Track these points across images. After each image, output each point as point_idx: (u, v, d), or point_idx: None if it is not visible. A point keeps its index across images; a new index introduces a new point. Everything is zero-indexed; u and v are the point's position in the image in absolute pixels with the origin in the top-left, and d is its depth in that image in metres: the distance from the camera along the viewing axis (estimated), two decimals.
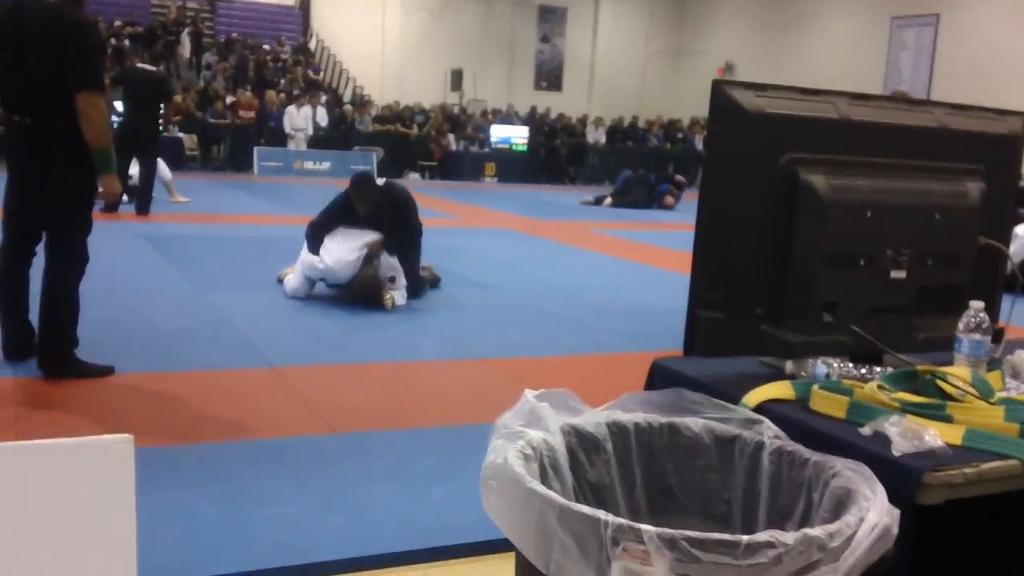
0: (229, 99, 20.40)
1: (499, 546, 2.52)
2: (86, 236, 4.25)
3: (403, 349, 5.35)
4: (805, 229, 2.00)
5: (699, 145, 22.97)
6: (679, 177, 17.53)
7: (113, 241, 4.27)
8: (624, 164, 20.17)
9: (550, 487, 1.61)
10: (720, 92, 1.95)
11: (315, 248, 6.36)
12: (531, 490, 1.46)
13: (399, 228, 6.55)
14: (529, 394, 1.79)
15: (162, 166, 11.66)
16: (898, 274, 2.10)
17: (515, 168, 21.88)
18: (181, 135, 18.65)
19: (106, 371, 4.29)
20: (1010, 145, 2.34)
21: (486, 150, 22.27)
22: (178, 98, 17.62)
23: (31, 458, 1.68)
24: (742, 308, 2.02)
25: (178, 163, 16.90)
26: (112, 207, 9.04)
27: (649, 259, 9.74)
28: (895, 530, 1.42)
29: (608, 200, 16.33)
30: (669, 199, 16.31)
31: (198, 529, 2.80)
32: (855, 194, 2.03)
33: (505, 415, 1.74)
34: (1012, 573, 2.13)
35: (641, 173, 17.23)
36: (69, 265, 4.20)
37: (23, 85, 4.05)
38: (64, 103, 3.95)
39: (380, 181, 6.75)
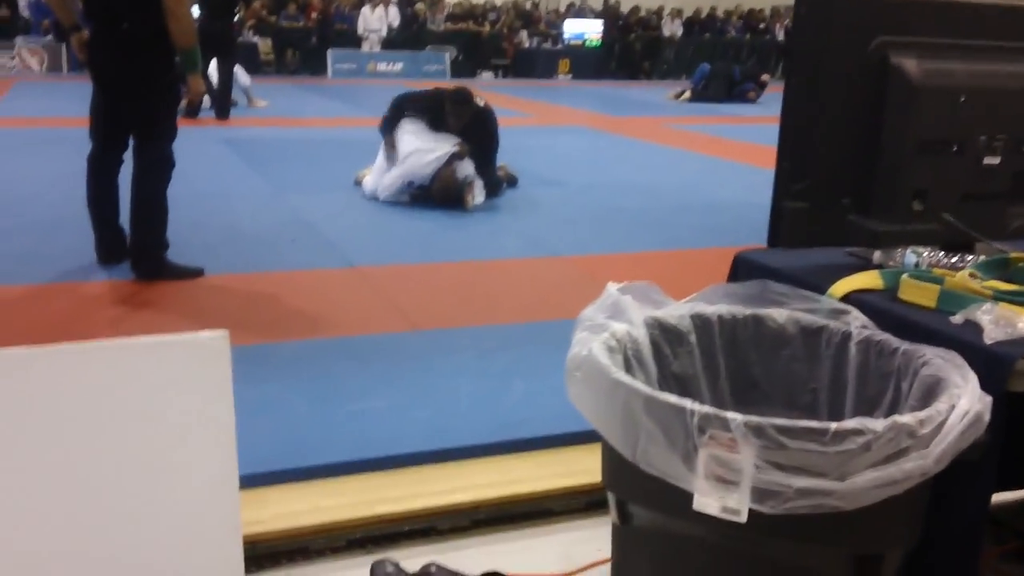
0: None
1: (581, 438, 2.58)
2: (171, 140, 4.32)
3: (482, 248, 5.39)
4: (895, 115, 1.94)
5: (781, 36, 22.25)
6: (764, 76, 16.88)
7: (194, 146, 4.36)
8: (701, 58, 19.66)
9: (634, 378, 1.64)
10: None
11: (390, 127, 6.44)
12: (617, 380, 1.48)
13: (486, 143, 6.61)
14: (612, 287, 1.80)
15: (241, 72, 11.76)
16: (991, 160, 2.03)
17: (589, 64, 21.49)
18: (256, 40, 18.69)
19: (196, 272, 4.43)
20: None
21: (559, 47, 21.89)
22: (256, 4, 17.65)
23: (135, 355, 1.77)
24: (829, 198, 1.99)
25: (253, 68, 16.98)
26: (194, 111, 9.19)
27: (727, 153, 9.56)
28: (987, 417, 1.41)
29: (686, 94, 15.98)
30: (751, 95, 15.88)
31: (291, 422, 2.90)
32: (948, 78, 1.95)
33: (588, 308, 1.75)
34: None
35: (723, 67, 16.75)
36: (157, 169, 4.29)
37: None
38: (151, 5, 3.97)
39: (480, 102, 6.69)
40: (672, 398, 1.40)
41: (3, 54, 17.53)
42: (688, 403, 1.38)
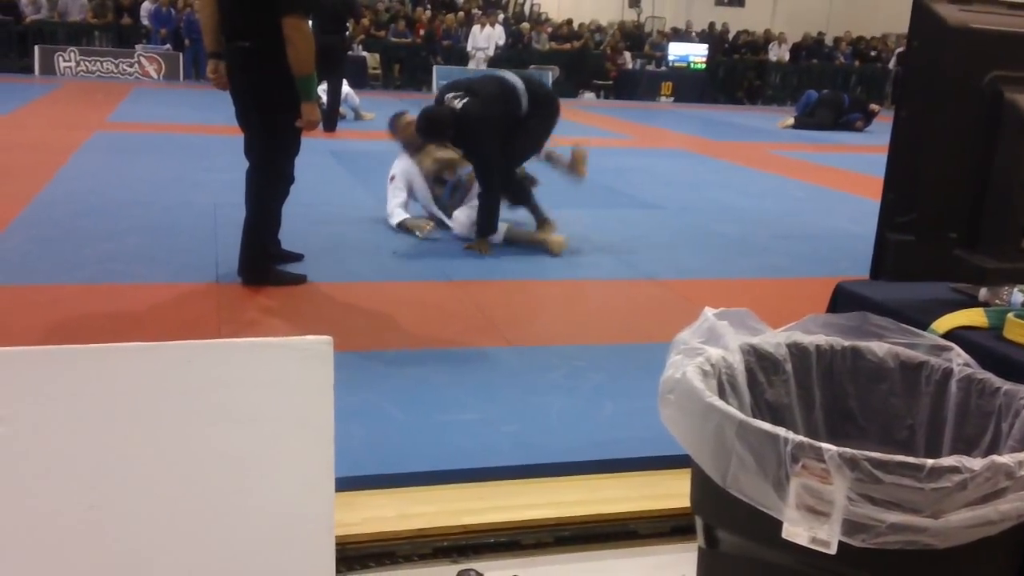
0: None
1: (669, 462, 2.57)
2: (288, 155, 4.44)
3: (578, 268, 5.40)
4: (1008, 150, 1.91)
5: (892, 65, 21.76)
6: (873, 106, 16.42)
7: (302, 157, 4.47)
8: (808, 84, 19.37)
9: (728, 404, 1.64)
10: (921, 6, 1.87)
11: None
12: (710, 404, 1.49)
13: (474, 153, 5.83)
14: (709, 312, 1.81)
15: (350, 91, 12.11)
16: None
17: (692, 87, 21.34)
18: (364, 54, 19.11)
19: (299, 280, 4.57)
20: None
21: (663, 69, 21.81)
22: (365, 20, 18.08)
23: (241, 355, 1.83)
24: (935, 231, 1.96)
25: (361, 82, 17.39)
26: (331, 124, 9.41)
27: (831, 182, 9.40)
28: None
29: (790, 121, 15.73)
30: (858, 124, 15.53)
31: (384, 429, 2.97)
32: None
33: (684, 331, 1.76)
34: None
35: (831, 94, 16.43)
36: (268, 181, 4.43)
37: (238, 10, 4.27)
38: (273, 28, 4.11)
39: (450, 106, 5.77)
40: (766, 425, 1.40)
41: (124, 60, 18.27)
42: (782, 431, 1.38)
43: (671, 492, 2.46)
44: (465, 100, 5.39)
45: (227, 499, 1.85)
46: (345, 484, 2.37)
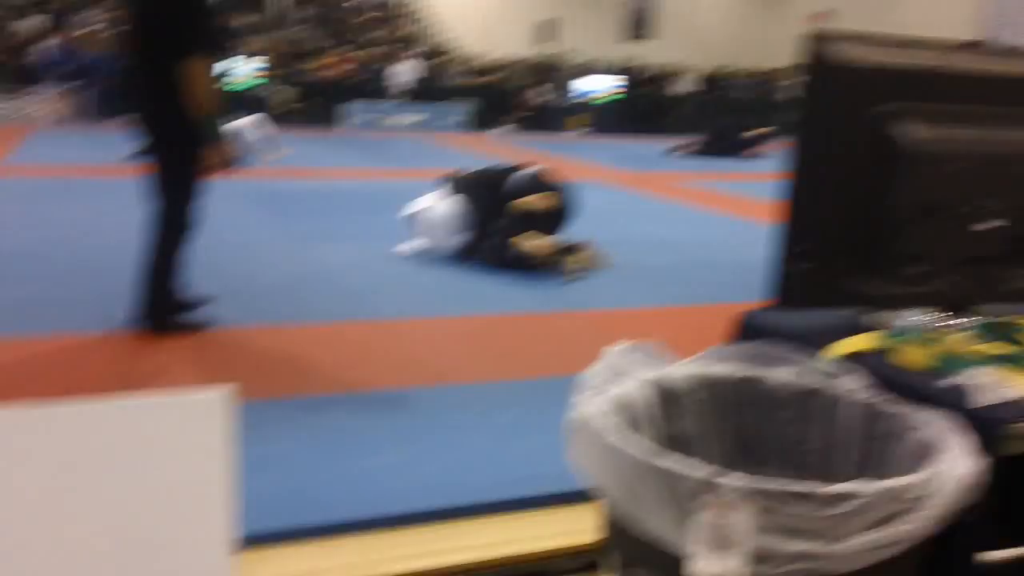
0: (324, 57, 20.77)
1: (584, 496, 2.58)
2: (191, 199, 4.35)
3: (499, 301, 5.43)
4: (896, 181, 1.98)
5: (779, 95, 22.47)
6: (759, 131, 17.02)
7: (210, 196, 4.40)
8: (716, 114, 19.84)
9: (635, 440, 1.66)
10: (811, 43, 1.94)
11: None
12: (613, 445, 1.50)
13: None
14: (614, 348, 1.83)
15: (260, 125, 11.99)
16: (990, 224, 2.06)
17: (605, 119, 21.72)
18: (280, 88, 18.98)
19: (206, 325, 4.46)
20: None
21: (576, 102, 22.15)
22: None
23: (132, 414, 1.76)
24: (831, 260, 2.02)
25: (276, 117, 17.23)
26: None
27: (738, 209, 9.64)
28: (977, 481, 1.42)
29: (693, 148, 16.23)
30: (749, 151, 16.11)
31: (299, 480, 2.94)
32: (948, 145, 1.99)
33: (591, 368, 1.78)
34: None
35: (725, 123, 17.05)
36: (166, 224, 4.33)
37: (138, 51, 4.22)
38: (172, 69, 4.06)
39: None
40: (669, 463, 1.42)
41: (23, 100, 17.79)
42: (684, 468, 1.40)
43: (586, 527, 2.47)
44: None
45: (116, 567, 1.78)
46: (254, 541, 2.32)
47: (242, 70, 18.06)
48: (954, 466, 1.41)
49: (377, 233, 7.17)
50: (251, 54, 19.06)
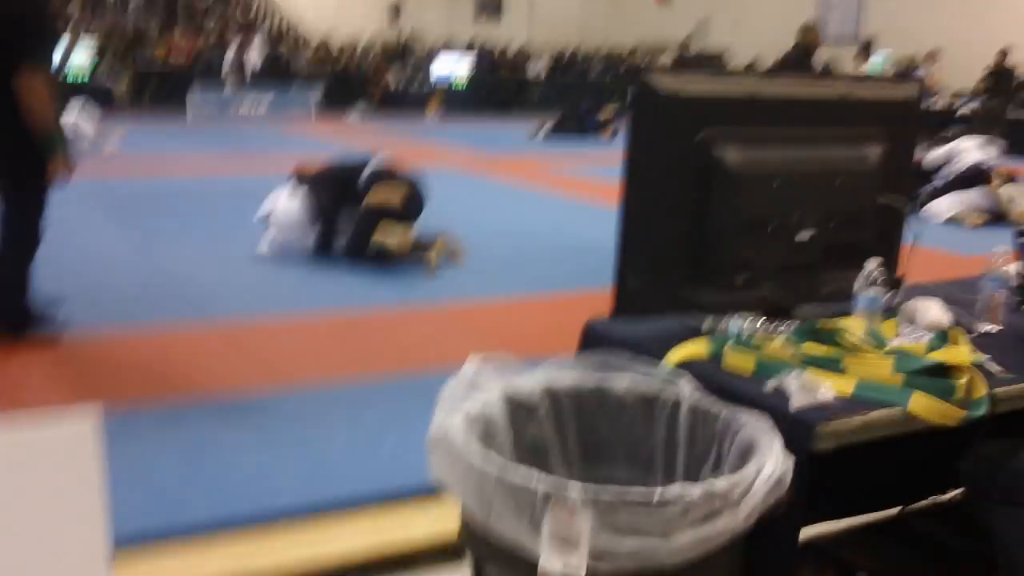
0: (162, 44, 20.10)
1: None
2: (37, 214, 4.26)
3: (356, 298, 5.48)
4: (719, 199, 2.18)
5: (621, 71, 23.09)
6: (603, 115, 17.46)
7: (56, 198, 4.32)
8: (565, 96, 20.22)
9: (491, 450, 1.81)
10: (639, 78, 2.12)
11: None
12: (470, 460, 1.64)
13: None
14: (470, 362, 1.97)
15: (84, 120, 11.60)
16: (805, 235, 2.29)
17: (457, 102, 21.77)
18: (111, 82, 18.29)
19: (55, 332, 4.37)
20: (908, 109, 2.54)
21: (427, 89, 22.12)
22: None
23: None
24: (665, 272, 2.21)
25: (109, 108, 16.63)
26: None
27: (592, 194, 9.90)
28: (788, 478, 1.63)
29: (544, 130, 16.57)
30: (604, 132, 16.53)
31: (165, 486, 2.97)
32: (764, 165, 2.21)
33: (449, 383, 1.91)
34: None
35: (569, 106, 17.55)
36: (11, 242, 4.24)
37: None
38: (8, 83, 3.94)
39: None
40: (519, 476, 1.57)
41: None
42: (532, 479, 1.55)
43: (449, 515, 2.62)
44: None
45: None
46: (125, 551, 2.38)
47: (79, 58, 17.28)
48: (767, 467, 1.61)
49: (229, 232, 7.08)
50: (89, 40, 18.29)
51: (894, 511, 2.75)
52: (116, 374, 4.05)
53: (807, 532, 2.59)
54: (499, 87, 23.11)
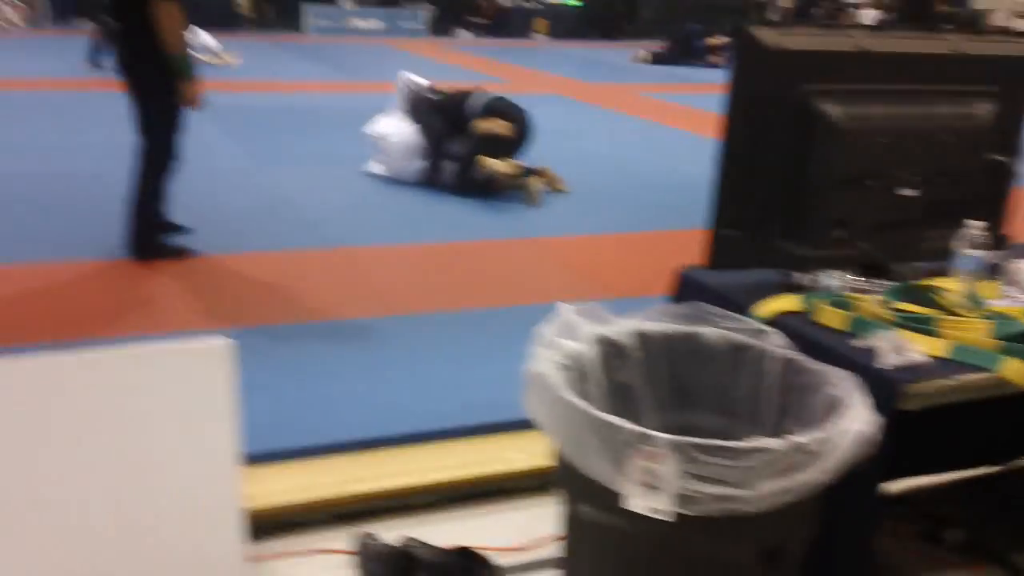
0: None
1: None
2: (172, 131, 4.52)
3: (454, 228, 5.61)
4: (820, 154, 2.20)
5: None
6: (713, 40, 16.98)
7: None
8: (679, 16, 19.79)
9: (584, 390, 1.91)
10: (742, 31, 2.13)
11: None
12: (564, 398, 1.74)
13: None
14: (564, 307, 2.06)
15: (206, 37, 11.85)
16: (907, 192, 2.29)
17: (567, 23, 21.53)
18: None
19: (187, 253, 4.70)
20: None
21: (538, 6, 21.90)
22: None
23: (152, 360, 2.03)
24: (760, 226, 2.25)
25: (231, 23, 17.00)
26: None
27: (697, 125, 9.79)
28: (873, 436, 1.68)
29: (644, 55, 16.26)
30: (715, 58, 16.12)
31: (283, 405, 3.16)
32: (867, 121, 2.21)
33: (543, 326, 2.01)
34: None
35: (678, 28, 17.10)
36: (148, 158, 4.51)
37: None
38: (141, 10, 4.18)
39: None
40: (610, 417, 1.66)
41: None
42: (622, 422, 1.64)
43: (543, 450, 2.74)
44: None
45: (144, 488, 2.06)
46: (251, 459, 2.57)
47: None
48: (853, 424, 1.67)
49: (341, 153, 7.27)
50: None
51: (990, 470, 2.77)
52: (230, 294, 4.28)
53: (899, 486, 2.64)
54: (610, 4, 22.69)
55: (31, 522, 1.96)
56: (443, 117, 6.56)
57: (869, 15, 18.74)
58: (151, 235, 4.63)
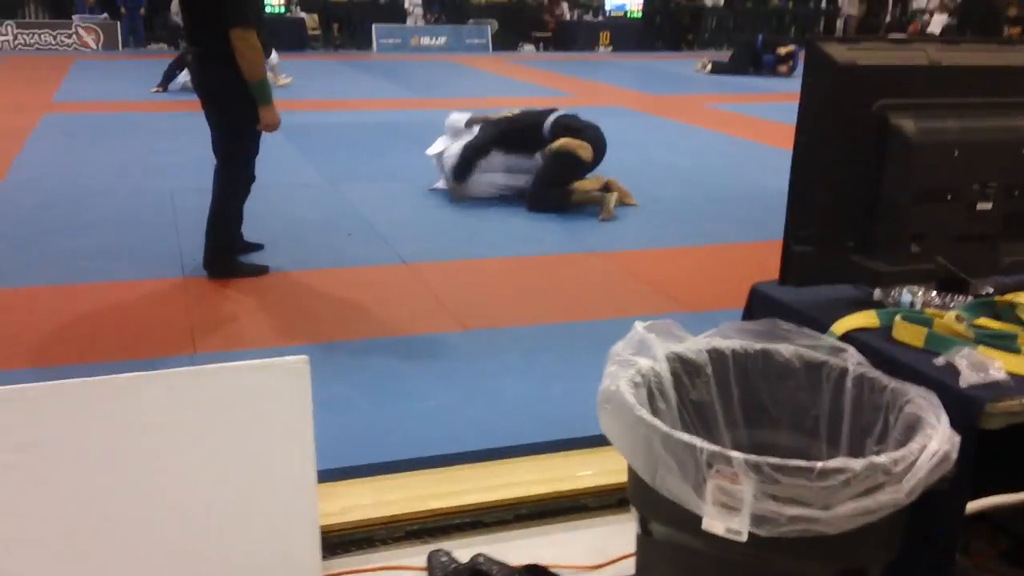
0: None
1: None
2: (249, 155, 4.66)
3: (524, 242, 5.63)
4: (894, 169, 2.17)
5: (824, 4, 22.04)
6: (781, 49, 16.74)
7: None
8: (745, 27, 19.64)
9: (657, 408, 1.91)
10: (814, 47, 2.12)
11: (464, 175, 6.60)
12: (639, 417, 1.74)
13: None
14: (638, 325, 2.06)
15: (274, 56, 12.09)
16: (984, 205, 2.25)
17: (630, 36, 21.50)
18: (303, 15, 18.99)
19: (262, 271, 4.80)
20: None
21: (600, 19, 21.91)
22: None
23: (233, 377, 2.08)
24: (834, 241, 2.23)
25: (300, 43, 17.31)
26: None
27: (763, 136, 9.71)
28: (954, 456, 1.66)
29: (708, 66, 16.10)
30: (782, 67, 15.92)
31: (357, 421, 3.22)
32: (942, 135, 2.18)
33: (618, 344, 2.02)
34: None
35: (744, 37, 16.89)
36: (226, 180, 4.65)
37: (191, 21, 4.53)
38: (222, 36, 4.28)
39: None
40: (686, 436, 1.66)
41: (61, 32, 18.00)
42: (699, 441, 1.64)
43: (617, 468, 2.74)
44: None
45: (223, 505, 2.11)
46: (324, 476, 2.63)
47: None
48: (932, 443, 1.65)
49: (410, 169, 7.35)
50: None
51: None
52: (308, 311, 4.36)
53: (981, 504, 2.59)
54: (674, 15, 22.60)
55: (113, 539, 2.02)
56: (517, 136, 6.59)
57: (940, 20, 18.40)
58: (228, 254, 4.74)
